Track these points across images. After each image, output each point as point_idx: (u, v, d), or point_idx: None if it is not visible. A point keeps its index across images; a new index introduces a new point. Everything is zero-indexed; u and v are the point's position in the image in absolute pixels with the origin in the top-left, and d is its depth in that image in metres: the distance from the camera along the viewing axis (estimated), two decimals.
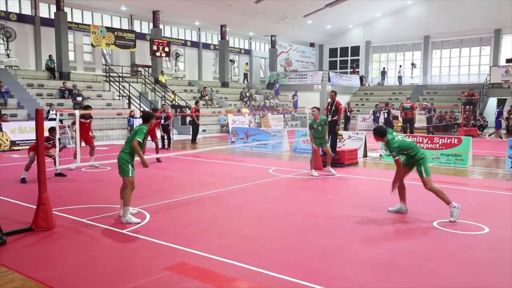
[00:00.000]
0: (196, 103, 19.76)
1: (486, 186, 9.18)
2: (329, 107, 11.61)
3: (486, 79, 29.76)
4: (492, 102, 29.99)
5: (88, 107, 11.27)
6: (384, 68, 36.81)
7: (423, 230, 5.89)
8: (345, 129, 20.94)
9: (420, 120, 24.41)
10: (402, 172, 6.50)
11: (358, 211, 6.88)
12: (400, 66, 36.64)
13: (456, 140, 12.15)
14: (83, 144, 11.18)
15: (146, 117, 6.55)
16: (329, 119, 11.30)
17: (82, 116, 10.76)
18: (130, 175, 6.19)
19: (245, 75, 34.67)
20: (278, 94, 32.55)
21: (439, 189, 6.34)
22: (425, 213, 6.76)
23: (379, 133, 6.55)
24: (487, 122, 25.26)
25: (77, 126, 10.17)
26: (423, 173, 6.27)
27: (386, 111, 22.62)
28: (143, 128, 6.21)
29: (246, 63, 35.53)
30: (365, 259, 4.81)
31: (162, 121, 15.59)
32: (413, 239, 5.56)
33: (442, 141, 12.25)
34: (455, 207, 6.15)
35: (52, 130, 9.51)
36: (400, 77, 35.97)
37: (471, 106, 23.30)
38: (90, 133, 11.52)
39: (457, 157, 11.90)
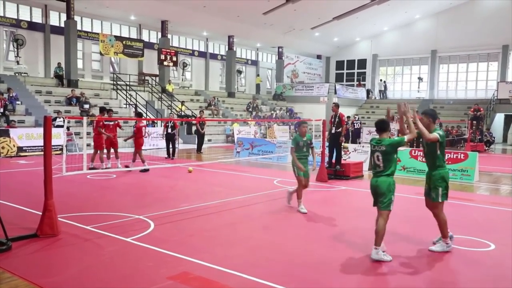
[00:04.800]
0: (201, 112, 19.87)
1: (492, 202, 9.10)
2: (332, 120, 11.82)
3: (494, 94, 29.67)
4: (499, 118, 29.86)
5: (103, 110, 12.90)
6: (384, 81, 36.83)
7: (428, 246, 5.83)
8: (354, 141, 20.86)
9: None
10: None
11: (362, 224, 6.83)
12: (381, 80, 37.06)
13: (462, 155, 12.09)
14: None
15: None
16: (333, 131, 11.68)
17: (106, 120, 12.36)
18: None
19: (258, 86, 34.74)
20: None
21: None
22: (430, 228, 6.71)
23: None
24: (494, 137, 25.12)
25: (83, 127, 10.49)
26: None
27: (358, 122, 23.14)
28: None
29: (258, 75, 35.71)
30: (368, 272, 4.78)
31: (169, 130, 15.64)
32: (417, 254, 5.51)
33: (448, 156, 12.17)
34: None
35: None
36: (381, 91, 36.58)
37: (477, 122, 23.20)
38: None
39: (463, 172, 11.82)
